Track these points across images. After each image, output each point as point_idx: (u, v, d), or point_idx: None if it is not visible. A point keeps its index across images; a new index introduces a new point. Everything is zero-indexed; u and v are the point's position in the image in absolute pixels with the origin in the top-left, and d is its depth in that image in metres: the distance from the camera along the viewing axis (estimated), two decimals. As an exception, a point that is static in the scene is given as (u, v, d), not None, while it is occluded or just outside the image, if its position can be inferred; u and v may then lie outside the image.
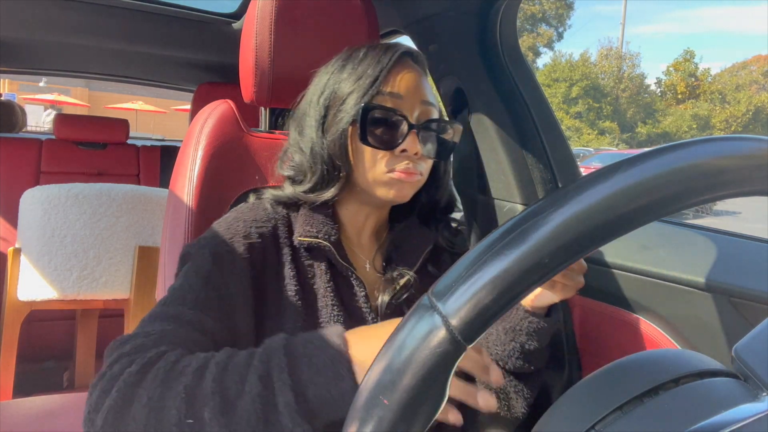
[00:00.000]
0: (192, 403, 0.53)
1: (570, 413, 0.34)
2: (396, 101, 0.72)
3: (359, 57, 0.75)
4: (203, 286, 0.66)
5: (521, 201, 1.19)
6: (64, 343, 2.00)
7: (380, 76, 0.72)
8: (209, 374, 0.54)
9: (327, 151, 0.74)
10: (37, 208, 1.60)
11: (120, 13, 1.52)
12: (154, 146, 2.46)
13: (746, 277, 0.82)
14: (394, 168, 0.72)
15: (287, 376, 0.53)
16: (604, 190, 0.30)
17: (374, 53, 0.75)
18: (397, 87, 0.73)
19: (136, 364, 0.56)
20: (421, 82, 0.75)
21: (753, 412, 0.29)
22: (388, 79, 0.73)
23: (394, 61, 0.74)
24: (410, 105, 0.73)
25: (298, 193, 0.76)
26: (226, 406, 0.53)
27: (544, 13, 34.08)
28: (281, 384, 0.53)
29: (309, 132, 0.76)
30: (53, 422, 1.27)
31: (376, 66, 0.73)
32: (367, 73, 0.73)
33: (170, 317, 0.63)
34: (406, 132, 0.72)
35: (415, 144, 0.71)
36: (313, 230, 0.74)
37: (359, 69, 0.74)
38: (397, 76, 0.73)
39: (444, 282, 0.32)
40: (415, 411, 0.31)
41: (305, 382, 0.54)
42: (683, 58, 33.28)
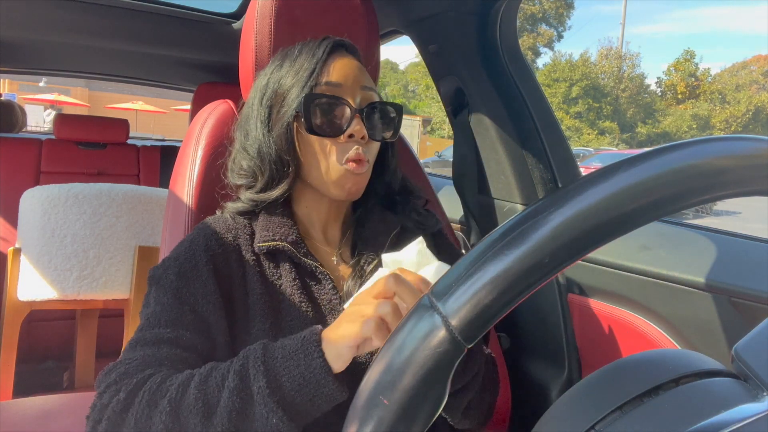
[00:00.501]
0: (177, 415, 0.56)
1: (570, 413, 0.34)
2: (336, 89, 0.74)
3: (295, 54, 0.77)
4: (175, 304, 0.69)
5: (521, 201, 1.19)
6: (64, 343, 2.00)
7: (317, 67, 0.74)
8: (193, 384, 0.57)
9: (274, 147, 0.76)
10: (37, 208, 1.60)
11: (120, 13, 1.52)
12: (154, 146, 2.46)
13: (746, 277, 0.82)
14: (344, 158, 0.73)
15: (261, 364, 0.57)
16: (604, 190, 0.30)
17: (308, 48, 0.77)
18: (335, 76, 0.75)
19: (123, 391, 0.59)
20: (358, 70, 0.77)
21: (753, 412, 0.29)
22: (326, 70, 0.75)
23: (329, 52, 0.76)
24: (350, 91, 0.75)
25: (250, 196, 0.78)
26: (209, 409, 0.56)
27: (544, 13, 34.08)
28: (255, 372, 0.56)
29: (254, 134, 0.77)
30: (53, 422, 1.27)
31: (311, 59, 0.75)
32: (304, 66, 0.75)
33: (149, 341, 0.66)
34: (351, 117, 0.73)
35: (361, 128, 0.73)
36: (270, 234, 0.75)
37: (296, 64, 0.76)
38: (334, 66, 0.75)
39: (444, 282, 0.32)
40: (415, 411, 0.31)
41: (278, 368, 0.57)
42: (683, 58, 33.30)
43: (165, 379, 0.60)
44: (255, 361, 0.57)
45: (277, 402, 0.55)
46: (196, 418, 0.55)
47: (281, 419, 0.55)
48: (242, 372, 0.57)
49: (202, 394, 0.56)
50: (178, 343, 0.66)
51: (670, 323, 0.92)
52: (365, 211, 0.84)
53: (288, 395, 0.56)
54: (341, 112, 0.74)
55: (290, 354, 0.57)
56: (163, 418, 0.56)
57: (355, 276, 0.77)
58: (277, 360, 0.57)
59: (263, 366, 0.57)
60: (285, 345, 0.59)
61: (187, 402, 0.56)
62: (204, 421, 0.55)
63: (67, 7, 1.49)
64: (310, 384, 0.56)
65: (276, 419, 0.55)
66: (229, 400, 0.55)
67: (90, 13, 1.53)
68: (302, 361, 0.57)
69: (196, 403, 0.56)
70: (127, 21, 1.59)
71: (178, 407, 0.56)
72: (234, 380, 0.56)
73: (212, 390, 0.57)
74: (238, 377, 0.57)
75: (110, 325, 1.83)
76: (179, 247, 0.76)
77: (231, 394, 0.55)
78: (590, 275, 1.06)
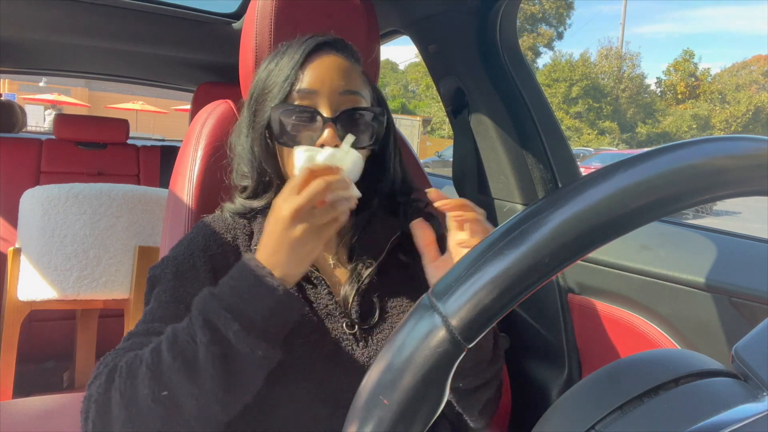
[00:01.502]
0: (159, 377, 0.57)
1: (570, 413, 0.34)
2: (311, 97, 0.71)
3: (281, 53, 0.75)
4: (171, 302, 0.70)
5: (521, 201, 1.19)
6: (64, 343, 2.00)
7: (291, 73, 0.71)
8: (164, 347, 0.59)
9: (256, 156, 0.75)
10: (37, 208, 1.60)
11: (120, 13, 1.52)
12: (154, 146, 2.46)
13: (746, 277, 0.82)
14: None
15: (225, 313, 0.58)
16: (604, 190, 0.30)
17: (293, 48, 0.74)
18: (311, 82, 0.71)
19: (104, 374, 0.61)
20: (338, 72, 0.73)
21: (753, 412, 0.29)
22: (301, 76, 0.71)
23: (306, 56, 0.72)
24: (327, 97, 0.71)
25: (241, 200, 0.78)
26: (189, 364, 0.57)
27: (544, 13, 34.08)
28: (224, 321, 0.57)
29: (242, 138, 0.77)
30: (53, 422, 1.27)
31: (289, 62, 0.72)
32: (283, 71, 0.72)
33: (140, 333, 0.67)
34: (323, 126, 0.70)
35: (332, 137, 0.69)
36: None
37: (277, 67, 0.73)
38: (312, 70, 0.72)
39: (444, 282, 0.32)
40: (415, 411, 0.31)
41: (243, 310, 0.58)
42: (682, 58, 33.30)
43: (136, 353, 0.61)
44: (217, 312, 0.58)
45: (256, 336, 0.57)
46: (180, 376, 0.57)
47: (265, 349, 0.58)
48: (209, 325, 0.58)
49: (178, 354, 0.58)
50: None
51: (670, 323, 0.92)
52: (367, 215, 0.83)
53: (263, 327, 0.58)
54: (312, 123, 0.71)
55: (250, 293, 0.59)
56: (147, 382, 0.57)
57: (353, 281, 0.77)
58: (238, 303, 0.58)
59: (229, 313, 0.58)
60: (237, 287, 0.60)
61: (166, 364, 0.58)
62: (190, 376, 0.57)
63: (67, 7, 1.49)
64: (280, 311, 0.59)
65: (261, 351, 0.58)
66: (207, 352, 0.56)
67: (90, 13, 1.53)
68: (265, 295, 0.58)
69: (174, 362, 0.57)
70: (127, 21, 1.59)
71: (158, 370, 0.58)
72: (205, 334, 0.57)
73: (185, 347, 0.58)
74: (208, 331, 0.57)
75: (110, 325, 1.83)
76: (178, 247, 0.76)
77: (208, 346, 0.57)
78: (590, 275, 1.06)
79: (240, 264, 0.62)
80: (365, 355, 0.73)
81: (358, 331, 0.75)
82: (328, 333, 0.73)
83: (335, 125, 0.70)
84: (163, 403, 0.57)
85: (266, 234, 0.62)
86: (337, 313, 0.75)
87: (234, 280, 0.61)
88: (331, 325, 0.74)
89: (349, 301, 0.76)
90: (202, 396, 0.57)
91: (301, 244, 0.60)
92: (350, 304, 0.76)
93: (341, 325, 0.74)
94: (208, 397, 0.57)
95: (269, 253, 0.61)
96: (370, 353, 0.74)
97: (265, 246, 0.62)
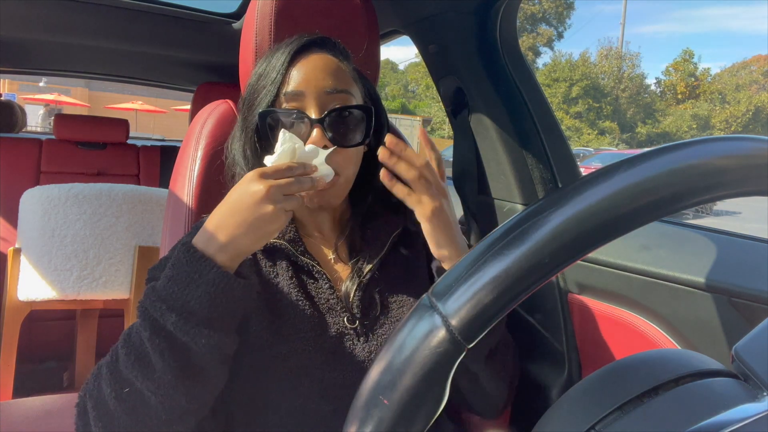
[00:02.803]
0: (117, 375, 0.58)
1: (570, 413, 0.34)
2: (298, 99, 0.71)
3: (271, 54, 0.75)
4: None
5: (521, 201, 1.19)
6: (64, 343, 2.00)
7: (277, 76, 0.71)
8: (119, 346, 0.60)
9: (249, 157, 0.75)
10: (37, 208, 1.60)
11: (120, 13, 1.52)
12: (154, 146, 2.46)
13: (746, 277, 0.82)
14: None
15: (161, 304, 0.57)
16: (604, 190, 0.30)
17: (279, 50, 0.74)
18: (297, 84, 0.71)
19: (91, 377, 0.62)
20: (324, 71, 0.72)
21: (753, 412, 0.29)
22: (287, 78, 0.72)
23: (291, 58, 0.72)
24: (313, 100, 0.71)
25: None
26: (140, 359, 0.58)
27: (543, 13, 34.07)
28: (160, 312, 0.57)
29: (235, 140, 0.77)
30: (53, 422, 1.27)
31: (275, 65, 0.72)
32: (269, 75, 0.72)
33: None
34: (310, 128, 0.70)
35: (320, 137, 0.69)
36: None
37: (266, 69, 0.73)
38: (296, 73, 0.72)
39: (444, 282, 0.32)
40: (415, 411, 0.31)
41: (179, 299, 0.57)
42: (681, 58, 33.29)
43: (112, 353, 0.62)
44: (153, 304, 0.58)
45: (196, 325, 0.57)
46: (136, 371, 0.57)
47: (208, 336, 0.57)
48: (148, 318, 0.58)
49: (131, 350, 0.58)
50: None
51: (670, 323, 0.91)
52: (366, 210, 0.84)
53: (203, 314, 0.57)
54: (300, 125, 0.71)
55: (185, 280, 0.58)
56: (110, 383, 0.58)
57: (354, 276, 0.77)
58: (174, 292, 0.57)
59: (164, 304, 0.57)
60: (173, 276, 0.59)
61: (121, 362, 0.58)
62: (143, 371, 0.57)
63: (67, 7, 1.49)
64: (220, 295, 0.58)
65: (204, 339, 0.57)
66: (152, 345, 0.56)
67: (90, 13, 1.53)
68: (200, 281, 0.57)
69: (128, 359, 0.58)
70: (127, 21, 1.59)
71: (115, 369, 0.58)
72: (146, 329, 0.57)
73: (136, 343, 0.58)
74: (148, 325, 0.57)
75: (110, 325, 1.83)
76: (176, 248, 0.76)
77: (151, 340, 0.56)
78: (590, 275, 1.06)
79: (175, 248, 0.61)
80: (366, 350, 0.74)
81: (359, 326, 0.75)
82: (330, 328, 0.74)
83: (323, 125, 0.70)
84: (127, 400, 0.58)
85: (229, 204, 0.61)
86: (339, 308, 0.75)
87: (170, 268, 0.60)
88: (332, 320, 0.74)
89: (351, 296, 0.76)
90: (160, 389, 0.57)
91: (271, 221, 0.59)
92: (351, 298, 0.76)
93: (342, 319, 0.75)
94: (167, 390, 0.57)
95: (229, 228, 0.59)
96: (371, 348, 0.74)
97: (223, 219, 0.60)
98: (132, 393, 0.57)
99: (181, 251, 0.60)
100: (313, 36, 0.76)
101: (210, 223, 0.61)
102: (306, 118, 0.70)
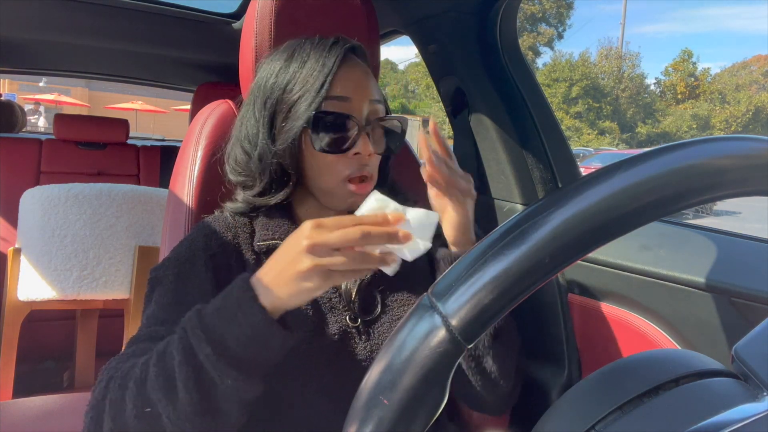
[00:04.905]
0: (143, 392, 0.56)
1: (570, 413, 0.34)
2: (344, 104, 0.72)
3: (303, 56, 0.74)
4: (173, 304, 0.69)
5: (521, 201, 1.19)
6: (64, 343, 2.00)
7: (327, 80, 0.71)
8: (151, 362, 0.58)
9: (277, 159, 0.75)
10: (37, 208, 1.60)
11: (120, 13, 1.52)
12: (154, 146, 2.46)
13: (746, 277, 0.82)
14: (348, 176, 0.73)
15: (201, 333, 0.56)
16: (604, 190, 0.30)
17: (318, 52, 0.73)
18: (345, 90, 0.72)
19: (104, 381, 0.60)
20: (367, 80, 0.75)
21: (753, 412, 0.29)
22: (335, 82, 0.72)
23: (340, 62, 0.73)
24: (358, 106, 0.73)
25: (248, 197, 0.78)
26: (169, 383, 0.56)
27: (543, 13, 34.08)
28: (197, 341, 0.55)
29: (254, 134, 0.76)
30: (53, 422, 1.27)
31: (321, 69, 0.72)
32: (313, 76, 0.72)
33: (143, 338, 0.66)
34: (357, 134, 0.72)
35: (367, 145, 0.72)
36: (270, 233, 0.76)
37: (305, 70, 0.73)
38: (344, 78, 0.73)
39: (444, 282, 0.32)
40: (415, 411, 0.31)
41: (220, 331, 0.56)
42: (681, 58, 33.31)
43: (135, 362, 0.60)
44: (194, 330, 0.56)
45: (228, 364, 0.55)
46: (159, 393, 0.55)
47: (236, 378, 0.55)
48: (185, 343, 0.56)
49: (161, 370, 0.56)
50: None
51: (670, 323, 0.91)
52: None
53: (237, 354, 0.55)
54: (348, 129, 0.72)
55: (229, 315, 0.56)
56: (132, 398, 0.56)
57: None
58: (216, 325, 0.56)
59: (204, 334, 0.55)
60: (221, 307, 0.57)
61: (150, 380, 0.56)
62: (167, 394, 0.55)
63: (67, 7, 1.49)
64: (257, 339, 0.56)
65: (231, 380, 0.55)
66: (180, 372, 0.55)
67: (90, 13, 1.53)
68: (243, 320, 0.55)
69: (157, 379, 0.56)
70: (127, 21, 1.59)
71: (143, 386, 0.57)
72: (179, 354, 0.56)
73: (168, 365, 0.56)
74: (182, 349, 0.56)
75: (110, 325, 1.83)
76: (179, 247, 0.76)
77: (180, 366, 0.55)
78: (590, 275, 1.06)
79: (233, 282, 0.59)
80: (368, 349, 0.74)
81: (361, 325, 0.76)
82: (331, 326, 0.74)
83: (368, 134, 0.73)
84: (146, 420, 0.56)
85: (277, 253, 0.58)
86: (341, 307, 0.76)
87: (219, 298, 0.58)
88: (333, 319, 0.74)
89: (352, 295, 0.77)
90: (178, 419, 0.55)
91: (305, 278, 0.54)
92: (353, 297, 0.77)
93: (344, 318, 0.75)
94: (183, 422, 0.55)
95: (271, 274, 0.57)
96: (372, 347, 0.75)
97: (270, 265, 0.58)
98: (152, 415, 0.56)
99: (238, 283, 0.58)
100: (351, 42, 0.77)
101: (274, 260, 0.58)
102: (357, 123, 0.72)
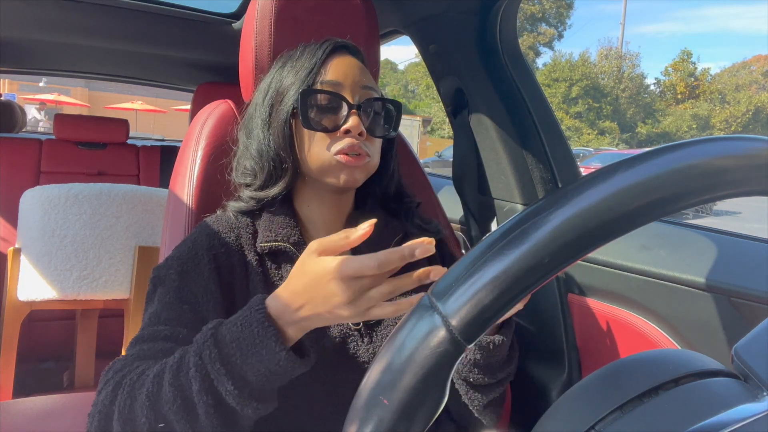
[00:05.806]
0: (158, 408, 0.56)
1: (570, 413, 0.34)
2: (335, 87, 0.74)
3: (296, 55, 0.78)
4: (175, 303, 0.69)
5: (521, 201, 1.19)
6: (64, 343, 2.00)
7: (316, 66, 0.74)
8: (166, 379, 0.56)
9: (273, 145, 0.76)
10: (37, 208, 1.60)
11: (120, 13, 1.52)
12: (154, 146, 2.45)
13: (746, 277, 0.82)
14: (339, 149, 0.73)
15: (221, 367, 0.54)
16: (604, 190, 0.30)
17: (310, 49, 0.77)
18: (334, 75, 0.75)
19: (111, 384, 0.59)
20: (359, 70, 0.77)
21: (753, 412, 0.29)
22: (326, 69, 0.75)
23: (329, 52, 0.76)
24: (350, 89, 0.75)
25: (250, 194, 0.78)
26: (187, 406, 0.55)
27: (543, 13, 34.08)
28: (217, 374, 0.55)
29: (256, 133, 0.78)
30: (53, 422, 1.27)
31: (311, 59, 0.75)
32: (304, 66, 0.75)
33: (147, 338, 0.66)
34: (347, 112, 0.73)
35: (357, 123, 0.72)
36: (272, 234, 0.76)
37: (297, 64, 0.76)
38: (334, 65, 0.75)
39: (444, 282, 0.32)
40: (415, 411, 0.31)
41: (240, 367, 0.55)
42: (680, 58, 33.31)
43: (144, 369, 0.59)
44: (213, 363, 0.54)
45: (249, 396, 0.55)
46: (179, 415, 0.55)
47: (257, 408, 0.56)
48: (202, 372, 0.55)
49: (179, 392, 0.55)
50: (174, 339, 0.66)
51: (670, 323, 0.92)
52: (367, 212, 0.84)
53: (257, 386, 0.56)
54: (338, 108, 0.73)
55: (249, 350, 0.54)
56: (145, 412, 0.55)
57: None
58: (236, 357, 0.54)
59: (223, 368, 0.54)
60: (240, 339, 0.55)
61: (165, 400, 0.55)
62: (188, 416, 0.55)
63: (67, 7, 1.49)
64: (280, 374, 0.55)
65: (251, 410, 0.55)
66: (200, 400, 0.54)
67: (90, 13, 1.53)
68: (265, 358, 0.54)
69: (174, 401, 0.55)
70: (127, 21, 1.59)
71: (156, 402, 0.56)
72: (197, 382, 0.54)
73: (185, 387, 0.55)
74: (200, 378, 0.54)
75: (110, 325, 1.83)
76: (182, 246, 0.76)
77: (200, 395, 0.54)
78: (590, 275, 1.06)
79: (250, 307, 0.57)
80: (370, 351, 0.75)
81: (362, 327, 0.76)
82: (333, 328, 0.74)
83: (359, 113, 0.73)
84: None
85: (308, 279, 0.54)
86: None
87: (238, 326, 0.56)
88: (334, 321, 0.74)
89: None
90: None
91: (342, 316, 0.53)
92: None
93: None
94: None
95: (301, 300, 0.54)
96: (374, 349, 0.75)
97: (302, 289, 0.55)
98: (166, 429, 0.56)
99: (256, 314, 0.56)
100: (345, 41, 0.80)
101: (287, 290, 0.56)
102: (345, 102, 0.73)
